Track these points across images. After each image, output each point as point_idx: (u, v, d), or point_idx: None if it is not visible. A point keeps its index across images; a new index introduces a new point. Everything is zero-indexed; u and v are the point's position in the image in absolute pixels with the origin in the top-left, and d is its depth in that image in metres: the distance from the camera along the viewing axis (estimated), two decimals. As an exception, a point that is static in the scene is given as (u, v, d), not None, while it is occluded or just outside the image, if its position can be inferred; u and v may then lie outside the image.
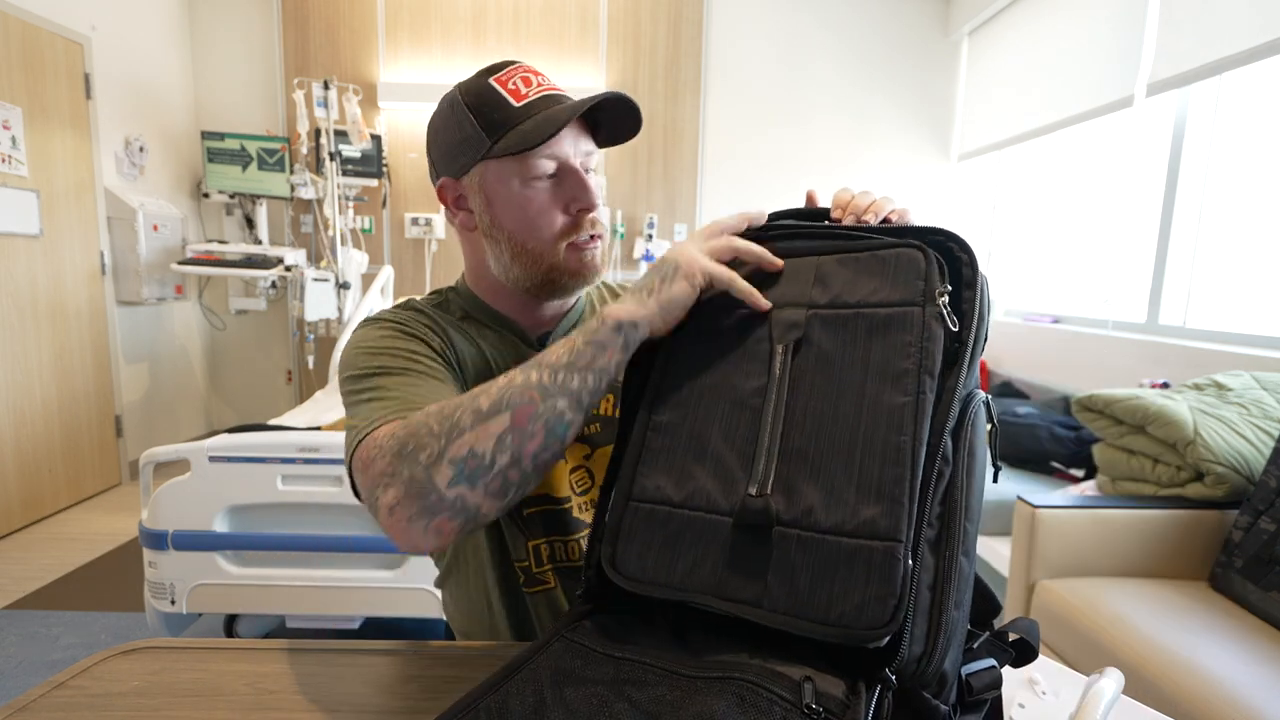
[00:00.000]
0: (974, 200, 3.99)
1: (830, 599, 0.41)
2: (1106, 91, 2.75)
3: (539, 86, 0.71)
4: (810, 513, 0.44)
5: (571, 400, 0.54)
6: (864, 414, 0.46)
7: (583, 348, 0.55)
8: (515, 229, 0.72)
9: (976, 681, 0.45)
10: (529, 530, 0.74)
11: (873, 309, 0.49)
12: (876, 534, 0.42)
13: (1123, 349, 2.56)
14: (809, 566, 0.43)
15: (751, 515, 0.46)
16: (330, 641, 0.64)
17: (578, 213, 0.72)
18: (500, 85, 0.70)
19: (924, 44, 3.95)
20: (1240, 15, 2.14)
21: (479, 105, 0.70)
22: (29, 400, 2.84)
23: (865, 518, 0.42)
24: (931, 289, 0.48)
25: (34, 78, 2.84)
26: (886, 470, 0.43)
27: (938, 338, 0.46)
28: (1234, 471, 1.51)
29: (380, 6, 3.84)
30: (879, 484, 0.43)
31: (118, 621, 2.08)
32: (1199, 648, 1.23)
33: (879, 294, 0.49)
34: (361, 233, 3.97)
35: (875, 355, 0.47)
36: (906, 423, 0.44)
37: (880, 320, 0.48)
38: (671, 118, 3.96)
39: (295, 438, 1.65)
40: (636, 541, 0.49)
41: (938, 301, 0.47)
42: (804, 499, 0.45)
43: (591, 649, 0.47)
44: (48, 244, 2.91)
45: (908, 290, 0.48)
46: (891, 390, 0.45)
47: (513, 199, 0.71)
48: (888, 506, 0.42)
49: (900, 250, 0.50)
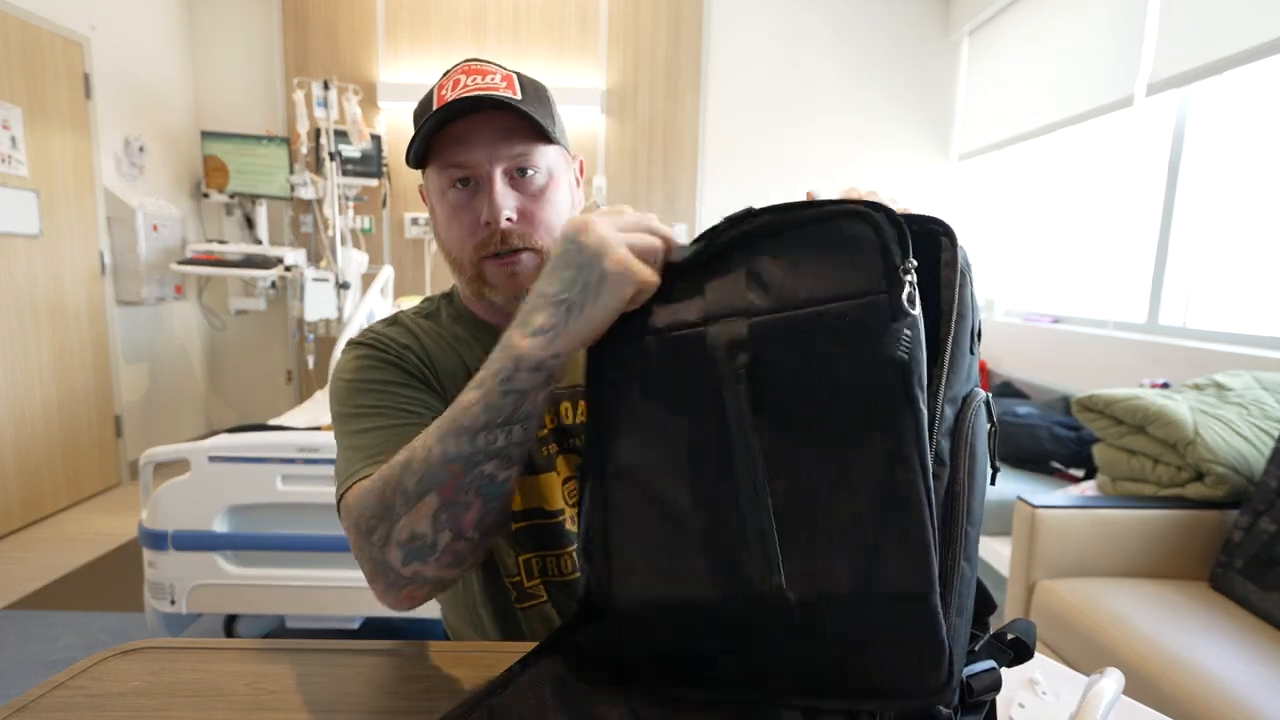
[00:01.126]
0: (974, 200, 3.99)
1: (881, 673, 0.39)
2: (1106, 91, 2.75)
3: (464, 87, 0.65)
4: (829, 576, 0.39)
5: (500, 461, 0.50)
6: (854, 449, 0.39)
7: (499, 400, 0.49)
8: (443, 237, 0.71)
9: (977, 683, 0.44)
10: (519, 544, 0.72)
11: (829, 304, 0.40)
12: (909, 593, 0.38)
13: (1123, 349, 2.56)
14: (843, 641, 0.40)
15: (768, 601, 0.40)
16: (330, 641, 0.64)
17: (485, 224, 0.67)
18: (438, 89, 0.67)
19: (924, 44, 3.95)
20: (1240, 15, 2.14)
21: (418, 112, 0.69)
22: (29, 400, 2.84)
23: (891, 574, 0.38)
24: (893, 265, 0.39)
25: (34, 78, 2.84)
26: (893, 516, 0.38)
27: (919, 336, 0.38)
28: (1234, 471, 1.51)
29: (380, 6, 3.84)
30: (896, 533, 0.38)
31: (118, 621, 2.08)
32: (1199, 648, 1.22)
33: (830, 284, 0.40)
34: (361, 233, 3.97)
35: (846, 375, 0.40)
36: (909, 449, 0.38)
37: (847, 325, 0.39)
38: (671, 118, 3.96)
39: (295, 438, 1.65)
40: (640, 643, 0.46)
41: (904, 280, 0.38)
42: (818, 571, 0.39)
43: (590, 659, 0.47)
44: (47, 244, 2.91)
45: (864, 273, 0.39)
46: (881, 416, 0.39)
47: (439, 207, 0.70)
48: (914, 558, 0.38)
49: (840, 222, 0.40)
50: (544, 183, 0.69)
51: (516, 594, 0.73)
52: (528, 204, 0.68)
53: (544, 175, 0.69)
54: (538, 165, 0.68)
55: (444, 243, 0.71)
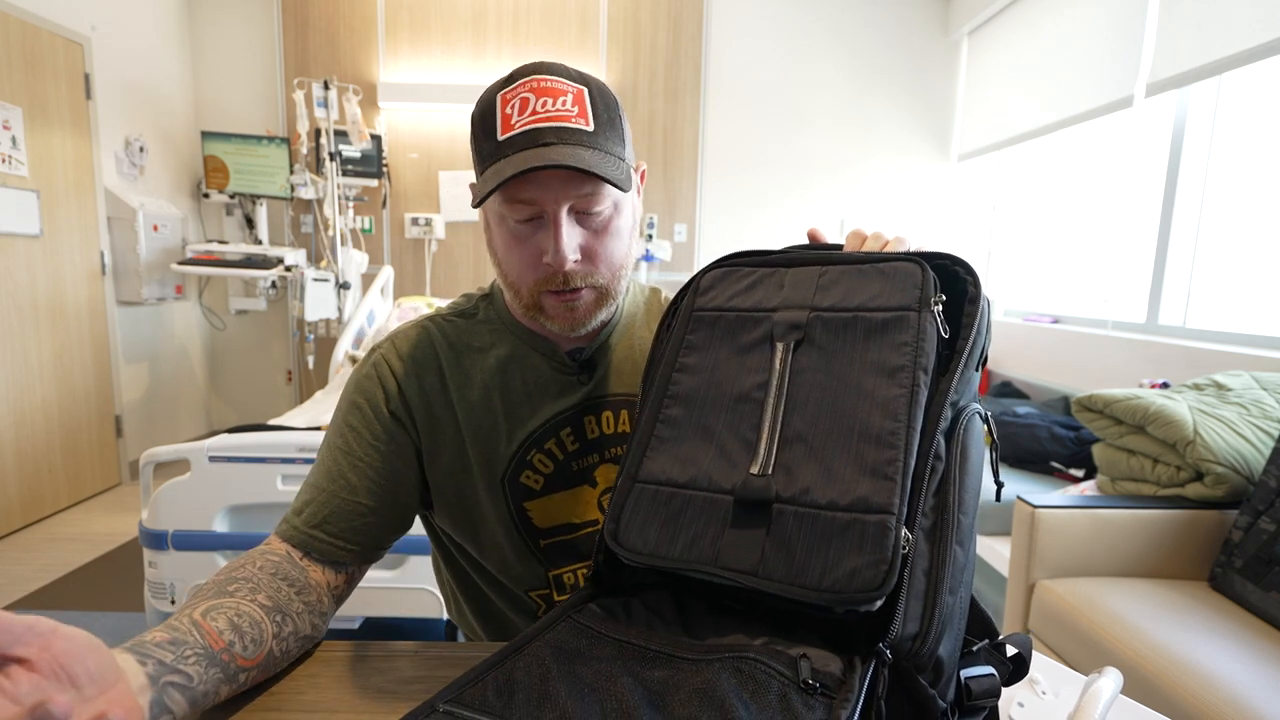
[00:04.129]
0: (974, 200, 3.99)
1: (825, 567, 0.43)
2: (1106, 91, 2.75)
3: (531, 115, 0.63)
4: (807, 491, 0.46)
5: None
6: (861, 404, 0.48)
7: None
8: (502, 263, 0.70)
9: (976, 686, 0.46)
10: (550, 561, 0.73)
11: (871, 312, 0.52)
12: (870, 508, 0.44)
13: (1123, 349, 2.56)
14: (805, 538, 0.45)
15: (752, 492, 0.48)
16: (330, 641, 0.64)
17: (547, 264, 0.66)
18: (502, 105, 0.64)
19: (924, 44, 3.95)
20: (1240, 15, 2.15)
21: (481, 126, 0.66)
22: (29, 400, 2.84)
23: (859, 494, 0.45)
24: (927, 296, 0.51)
25: (34, 78, 2.84)
26: (881, 452, 0.46)
27: (932, 338, 0.49)
28: (1234, 471, 1.51)
29: (380, 7, 3.84)
30: (874, 464, 0.45)
31: (118, 621, 2.08)
32: (1199, 648, 1.23)
33: (878, 299, 0.52)
34: (361, 233, 3.97)
35: (873, 353, 0.50)
36: (900, 411, 0.47)
37: (878, 323, 0.51)
38: (671, 118, 3.96)
39: (295, 438, 1.65)
40: (639, 518, 0.51)
41: (933, 308, 0.50)
42: (802, 478, 0.47)
43: (596, 630, 0.49)
44: (48, 244, 2.91)
45: (905, 296, 0.51)
46: (887, 383, 0.48)
47: (500, 235, 0.69)
48: (881, 484, 0.44)
49: (899, 264, 0.54)
50: (609, 216, 0.67)
51: (544, 607, 0.74)
52: (591, 241, 0.67)
53: (609, 208, 0.67)
54: (604, 203, 0.66)
55: (502, 265, 0.70)
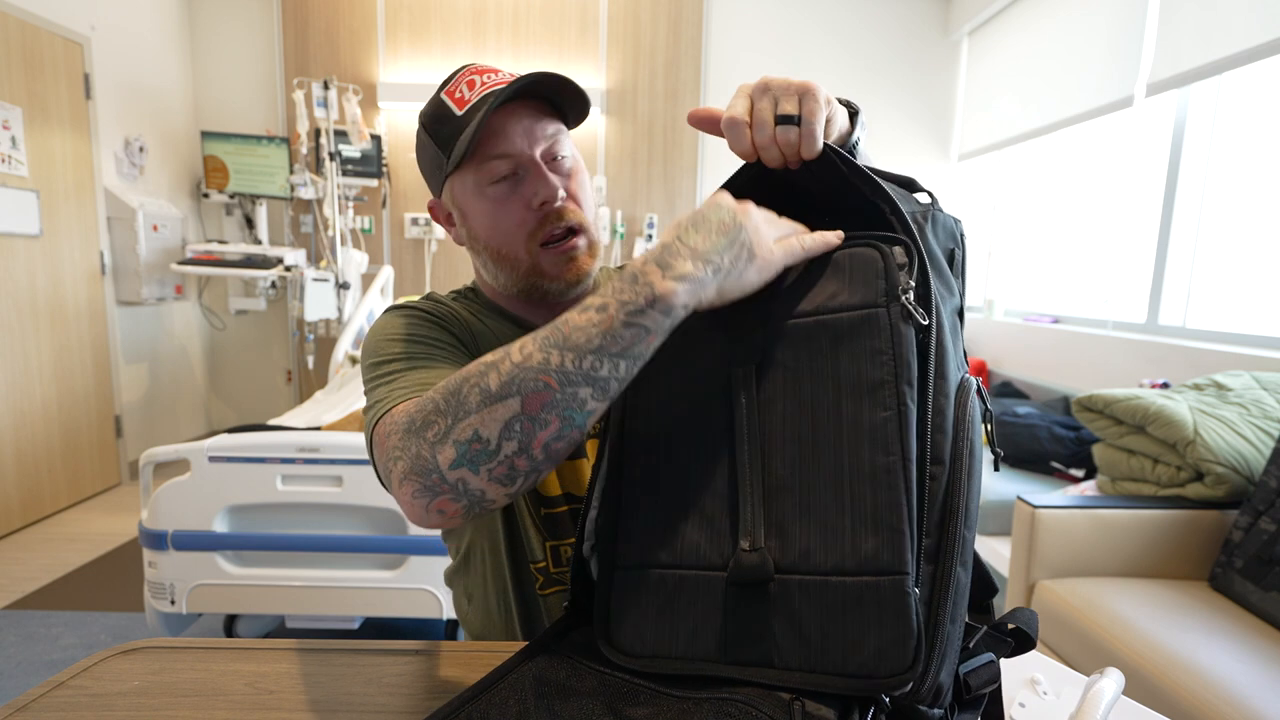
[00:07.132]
0: (974, 200, 3.99)
1: (845, 649, 0.40)
2: (1106, 91, 2.75)
3: (482, 86, 0.68)
4: (808, 555, 0.42)
5: (598, 389, 0.46)
6: (845, 436, 0.42)
7: (621, 329, 0.45)
8: (489, 237, 0.71)
9: (974, 679, 0.44)
10: (548, 531, 0.73)
11: (834, 314, 0.45)
12: (880, 569, 0.40)
13: (1123, 349, 2.56)
14: (816, 614, 0.41)
15: (747, 573, 0.43)
16: (330, 641, 0.64)
17: (540, 205, 0.69)
18: (449, 97, 0.69)
19: (924, 44, 3.95)
20: (1240, 15, 2.14)
21: (433, 124, 0.70)
22: (29, 400, 2.84)
23: (865, 552, 0.40)
24: (894, 285, 0.44)
25: (34, 78, 2.84)
26: (878, 494, 0.41)
27: (909, 340, 0.43)
28: (1234, 471, 1.51)
29: (380, 6, 3.84)
30: (873, 511, 0.41)
31: (118, 621, 2.08)
32: (1199, 648, 1.22)
33: (838, 297, 0.46)
34: (361, 233, 3.97)
35: (845, 368, 0.44)
36: (892, 440, 0.41)
37: (845, 326, 0.45)
38: (671, 118, 3.96)
39: (295, 438, 1.65)
40: (630, 613, 0.46)
41: (901, 298, 0.43)
42: (798, 540, 0.42)
43: (578, 661, 0.46)
44: (47, 244, 2.91)
45: (868, 290, 0.45)
46: (870, 406, 0.42)
47: (479, 207, 0.71)
48: (888, 537, 0.40)
49: (853, 251, 0.46)
50: (575, 162, 0.73)
51: (543, 580, 0.73)
52: (569, 184, 0.71)
53: (573, 158, 0.72)
54: (568, 148, 0.72)
55: (490, 241, 0.71)
